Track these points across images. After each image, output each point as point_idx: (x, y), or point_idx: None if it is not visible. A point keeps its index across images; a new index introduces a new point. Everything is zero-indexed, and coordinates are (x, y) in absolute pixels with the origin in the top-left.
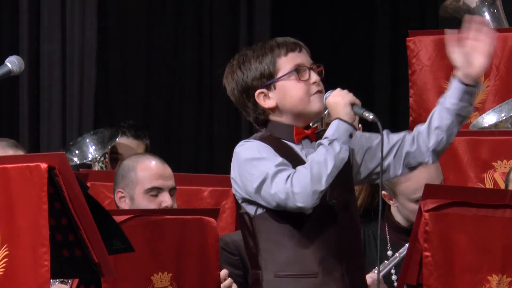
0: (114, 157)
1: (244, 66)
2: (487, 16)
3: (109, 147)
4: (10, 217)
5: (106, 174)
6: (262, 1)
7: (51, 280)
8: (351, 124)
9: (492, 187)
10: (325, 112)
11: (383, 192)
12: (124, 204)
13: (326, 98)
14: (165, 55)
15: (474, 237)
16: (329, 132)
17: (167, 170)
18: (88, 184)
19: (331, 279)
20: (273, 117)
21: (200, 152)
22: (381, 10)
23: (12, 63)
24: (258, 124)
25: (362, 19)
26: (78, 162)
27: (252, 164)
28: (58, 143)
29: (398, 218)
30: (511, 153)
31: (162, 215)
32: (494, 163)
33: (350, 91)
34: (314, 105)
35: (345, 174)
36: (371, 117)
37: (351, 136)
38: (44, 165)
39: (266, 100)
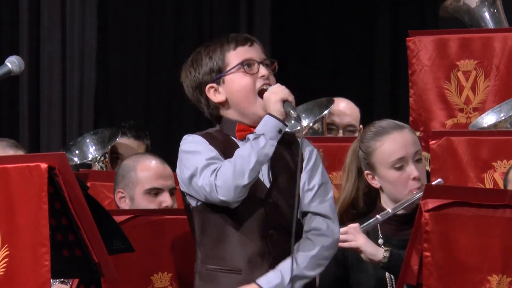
0: (114, 157)
1: (196, 63)
2: (487, 16)
3: (109, 147)
4: (10, 217)
5: (106, 174)
6: (262, 1)
7: (51, 280)
8: (280, 120)
9: (492, 187)
10: (325, 112)
11: (367, 171)
12: (124, 204)
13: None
14: (165, 55)
15: (474, 237)
16: (258, 127)
17: (167, 170)
18: (88, 184)
19: (254, 277)
20: (223, 112)
21: None
22: (381, 10)
23: (12, 63)
24: (213, 119)
25: (362, 18)
26: (78, 162)
27: (187, 158)
28: (58, 143)
29: (389, 206)
30: (511, 153)
31: (162, 215)
32: (494, 163)
33: (349, 90)
34: (258, 108)
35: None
36: (294, 115)
37: (280, 132)
38: (44, 165)
39: (216, 94)
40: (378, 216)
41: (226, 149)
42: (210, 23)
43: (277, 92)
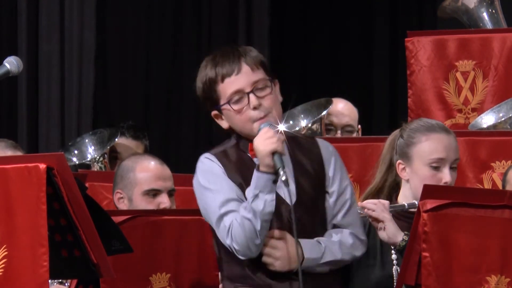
0: (113, 157)
1: (197, 90)
2: (485, 16)
3: (108, 147)
4: (9, 217)
5: (105, 175)
6: (261, 1)
7: (49, 281)
8: (271, 173)
9: (490, 187)
10: (324, 113)
11: (399, 161)
12: (123, 205)
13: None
14: (164, 55)
15: (473, 238)
16: (252, 184)
17: (166, 171)
18: (87, 184)
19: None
20: (235, 131)
21: (199, 152)
22: (380, 10)
23: (11, 63)
24: (230, 132)
25: (360, 19)
26: (77, 162)
27: (205, 196)
28: (57, 144)
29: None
30: (509, 154)
31: (161, 215)
32: (492, 164)
33: (348, 90)
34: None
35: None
36: (283, 178)
37: (275, 182)
38: (42, 166)
39: (220, 121)
40: (405, 203)
41: (243, 170)
42: (208, 24)
43: (266, 144)
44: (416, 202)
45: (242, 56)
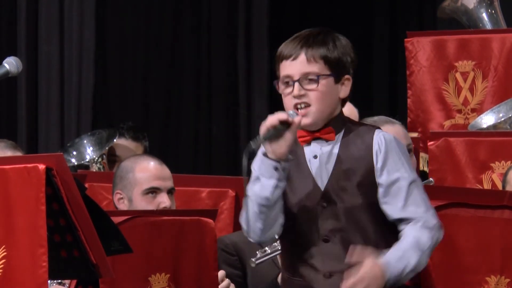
0: (112, 159)
1: None
2: (485, 17)
3: (107, 148)
4: (8, 218)
5: (104, 175)
6: (260, 2)
7: (49, 281)
8: (274, 160)
9: (490, 188)
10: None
11: None
12: (123, 206)
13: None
14: (163, 56)
15: (473, 238)
16: (257, 166)
17: (166, 171)
18: (86, 185)
19: (315, 281)
20: None
21: (198, 153)
22: (379, 11)
23: (10, 64)
24: None
25: (360, 19)
26: (75, 163)
27: None
28: (56, 144)
29: None
30: (509, 154)
31: (160, 216)
32: (492, 164)
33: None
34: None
35: (346, 179)
36: (252, 146)
37: (276, 169)
38: (42, 166)
39: None
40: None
41: (293, 151)
42: (208, 24)
43: (267, 120)
44: (432, 179)
45: (305, 46)
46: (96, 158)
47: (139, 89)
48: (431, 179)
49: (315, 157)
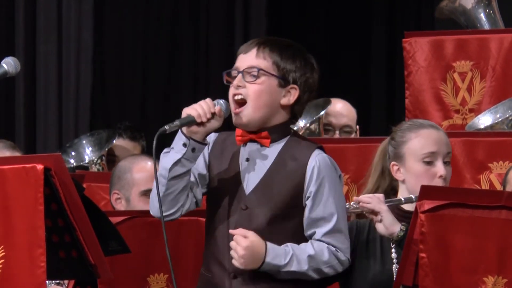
0: (111, 159)
1: None
2: (483, 17)
3: (106, 149)
4: (6, 218)
5: (102, 176)
6: (258, 2)
7: (47, 282)
8: (185, 135)
9: (488, 188)
10: (322, 113)
11: (393, 163)
12: (120, 206)
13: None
14: (161, 56)
15: (470, 238)
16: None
17: None
18: (84, 185)
19: (222, 279)
20: None
21: None
22: (377, 11)
23: (8, 64)
24: None
25: (358, 20)
26: (74, 164)
27: None
28: (54, 144)
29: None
30: (507, 155)
31: None
32: (490, 164)
33: (346, 90)
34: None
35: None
36: (166, 127)
37: (185, 145)
38: (40, 166)
39: None
40: (402, 197)
41: (224, 153)
42: (206, 25)
43: (189, 108)
44: (413, 197)
45: (261, 44)
46: (95, 159)
47: (137, 89)
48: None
49: (247, 160)
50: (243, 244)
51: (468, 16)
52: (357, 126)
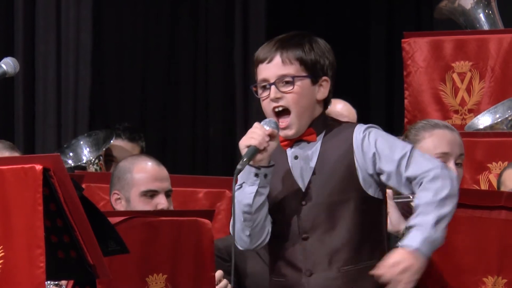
0: (109, 160)
1: None
2: (482, 17)
3: (104, 149)
4: (5, 218)
5: (101, 176)
6: (257, 3)
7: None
8: (254, 166)
9: (487, 188)
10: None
11: None
12: (120, 206)
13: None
14: (160, 57)
15: (470, 239)
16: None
17: (163, 172)
18: (83, 185)
19: (297, 279)
20: None
21: (195, 154)
22: (377, 11)
23: (7, 64)
24: None
25: (357, 20)
26: (72, 165)
27: None
28: (53, 145)
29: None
30: (506, 155)
31: (157, 216)
32: (489, 165)
33: (345, 91)
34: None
35: (331, 179)
36: (238, 167)
37: (257, 175)
38: (39, 167)
39: None
40: (410, 196)
41: (274, 156)
42: (205, 26)
43: (245, 138)
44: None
45: (280, 49)
46: (93, 160)
47: (136, 90)
48: None
49: (296, 157)
50: (396, 270)
51: (467, 17)
52: None
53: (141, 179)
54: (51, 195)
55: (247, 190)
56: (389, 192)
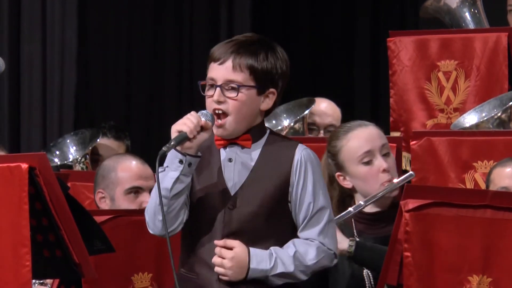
0: (95, 158)
1: None
2: (467, 16)
3: (90, 148)
4: None
5: (87, 175)
6: (243, 1)
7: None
8: (179, 151)
9: (472, 187)
10: (306, 112)
11: (337, 173)
12: (105, 205)
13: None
14: (146, 55)
15: (455, 237)
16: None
17: (148, 171)
18: (69, 184)
19: (209, 280)
20: None
21: None
22: (362, 10)
23: None
24: None
25: (342, 19)
26: (58, 163)
27: None
28: (38, 144)
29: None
30: (491, 154)
31: (143, 215)
32: (474, 164)
33: (330, 90)
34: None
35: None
36: (164, 149)
37: (181, 162)
38: (24, 166)
39: None
40: (350, 208)
41: (203, 156)
42: (190, 23)
43: (177, 123)
44: (362, 203)
45: (235, 53)
46: (79, 158)
47: (121, 88)
48: (411, 172)
49: (230, 160)
50: (228, 255)
51: (452, 16)
52: None
53: (126, 177)
54: (37, 194)
55: (169, 175)
56: None
